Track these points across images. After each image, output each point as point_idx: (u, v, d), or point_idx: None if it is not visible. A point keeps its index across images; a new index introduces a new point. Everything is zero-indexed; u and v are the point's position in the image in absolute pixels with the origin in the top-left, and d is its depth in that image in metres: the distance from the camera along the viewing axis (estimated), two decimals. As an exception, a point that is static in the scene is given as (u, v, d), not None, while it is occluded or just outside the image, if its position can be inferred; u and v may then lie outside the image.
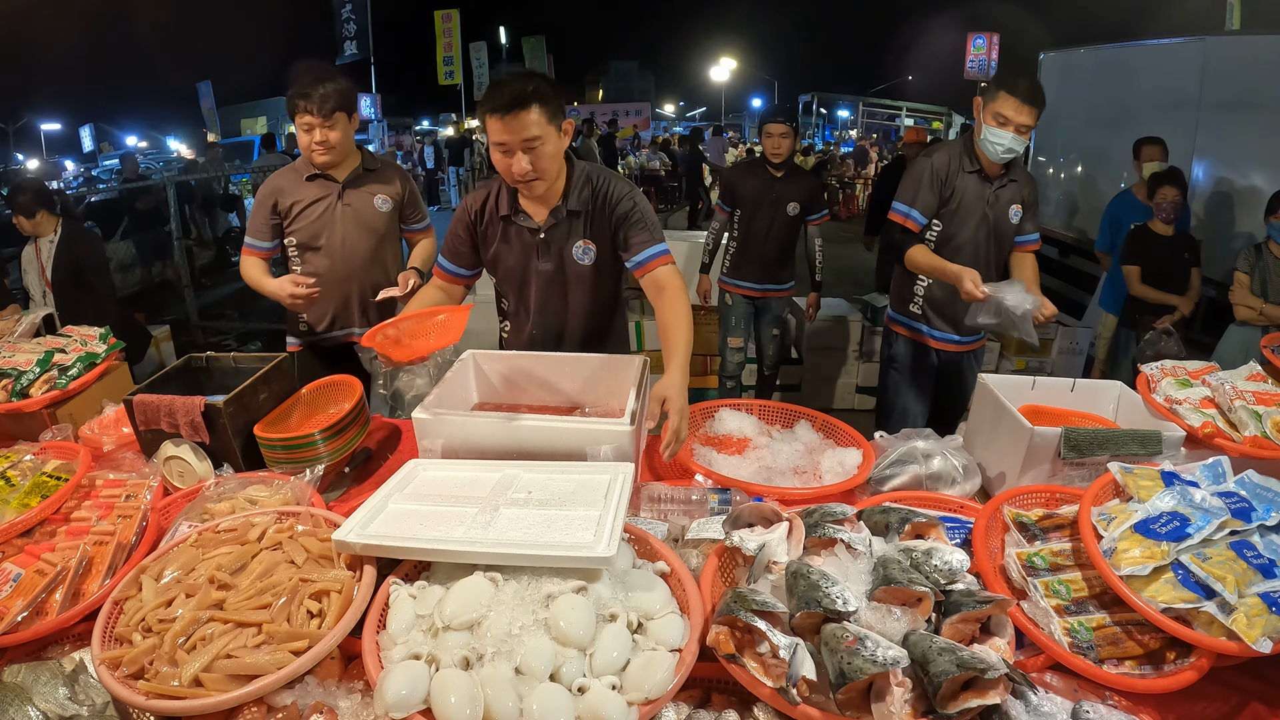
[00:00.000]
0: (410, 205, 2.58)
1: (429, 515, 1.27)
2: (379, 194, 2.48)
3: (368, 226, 2.47)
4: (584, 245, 1.89)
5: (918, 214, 2.44)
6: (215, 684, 1.00)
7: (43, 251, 3.57)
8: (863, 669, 0.92)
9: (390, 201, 2.51)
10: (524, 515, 1.25)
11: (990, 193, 2.43)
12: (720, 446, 1.79)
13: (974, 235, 2.46)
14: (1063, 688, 1.08)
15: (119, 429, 1.84)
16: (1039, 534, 1.32)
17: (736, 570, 1.23)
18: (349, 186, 2.44)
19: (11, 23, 29.40)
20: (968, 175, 2.43)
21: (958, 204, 2.44)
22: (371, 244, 2.49)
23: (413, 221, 2.62)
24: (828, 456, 1.73)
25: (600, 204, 1.86)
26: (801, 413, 1.91)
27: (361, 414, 1.75)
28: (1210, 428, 1.60)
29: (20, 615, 1.18)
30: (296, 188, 2.42)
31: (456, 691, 0.94)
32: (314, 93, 2.27)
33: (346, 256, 2.46)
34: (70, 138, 27.36)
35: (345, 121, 2.36)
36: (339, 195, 2.43)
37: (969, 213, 2.44)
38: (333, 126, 2.32)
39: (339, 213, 2.43)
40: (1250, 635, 1.04)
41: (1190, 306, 3.73)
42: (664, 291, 1.75)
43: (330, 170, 2.42)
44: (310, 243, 2.44)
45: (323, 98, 2.27)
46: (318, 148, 2.33)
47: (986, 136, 2.31)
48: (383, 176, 2.51)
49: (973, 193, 2.43)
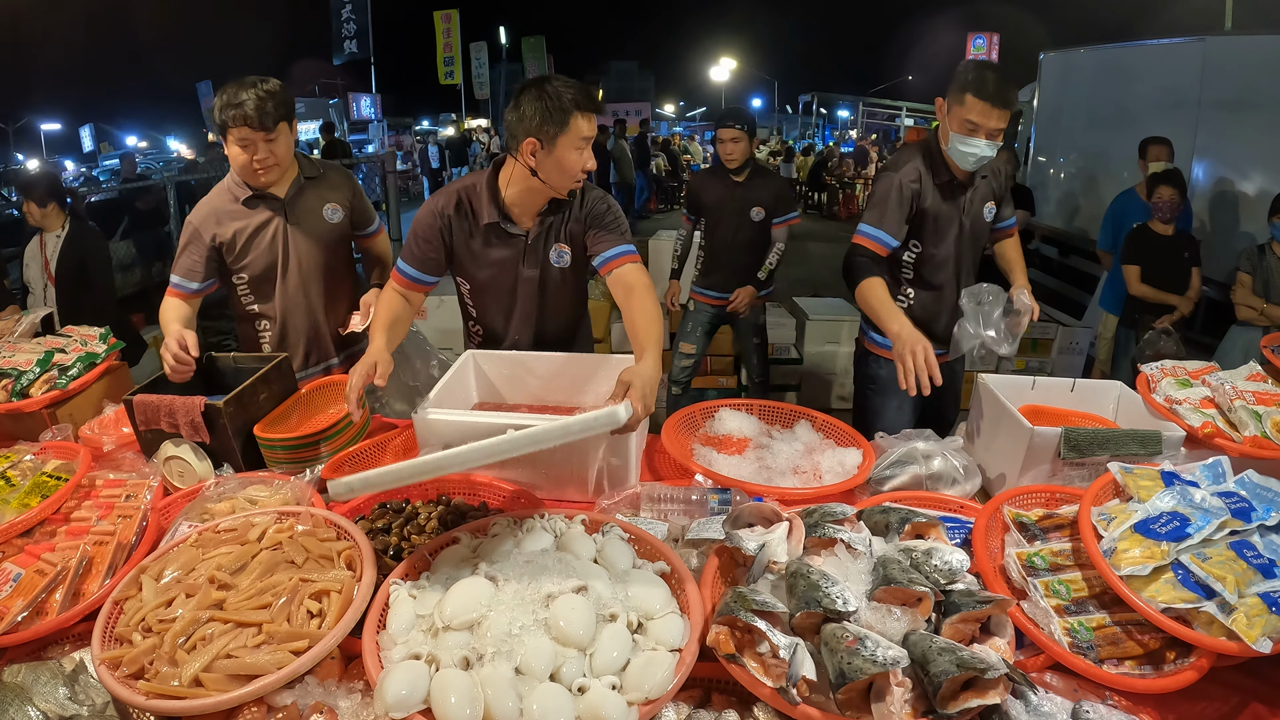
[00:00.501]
0: (362, 207, 2.27)
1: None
2: (328, 203, 2.16)
3: (322, 243, 2.15)
4: (559, 249, 1.90)
5: (887, 236, 2.14)
6: (215, 684, 1.00)
7: (48, 246, 3.62)
8: (863, 669, 0.92)
9: (341, 210, 2.19)
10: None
11: (964, 200, 2.22)
12: (720, 446, 1.79)
13: (954, 249, 2.26)
14: (1063, 688, 1.08)
15: (119, 429, 1.84)
16: (1039, 534, 1.32)
17: (736, 570, 1.23)
18: (293, 203, 2.10)
19: (11, 23, 29.40)
20: (938, 187, 2.17)
21: (934, 220, 2.20)
22: (329, 261, 2.19)
23: (365, 226, 2.30)
24: (828, 456, 1.73)
25: (575, 206, 1.88)
26: (801, 412, 1.91)
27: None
28: (1210, 428, 1.60)
29: (20, 615, 1.18)
30: (235, 215, 2.05)
31: (456, 691, 0.94)
32: (250, 102, 1.88)
33: (305, 283, 2.15)
34: (70, 138, 27.41)
35: (287, 132, 2.00)
36: (284, 215, 2.09)
37: (946, 227, 2.22)
38: (275, 140, 1.96)
39: (289, 235, 2.10)
40: (1250, 635, 1.04)
41: (1190, 306, 3.73)
42: (633, 290, 1.76)
43: (270, 188, 2.07)
44: (265, 276, 2.12)
45: (261, 108, 1.89)
46: (259, 167, 1.97)
47: (956, 146, 2.06)
48: (328, 183, 2.18)
49: (947, 205, 2.20)
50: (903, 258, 2.27)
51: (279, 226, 2.09)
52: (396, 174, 5.81)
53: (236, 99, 1.89)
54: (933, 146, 2.18)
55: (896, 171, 2.17)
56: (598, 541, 1.24)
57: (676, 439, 1.76)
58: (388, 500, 1.50)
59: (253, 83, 1.92)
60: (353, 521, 1.35)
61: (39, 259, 3.64)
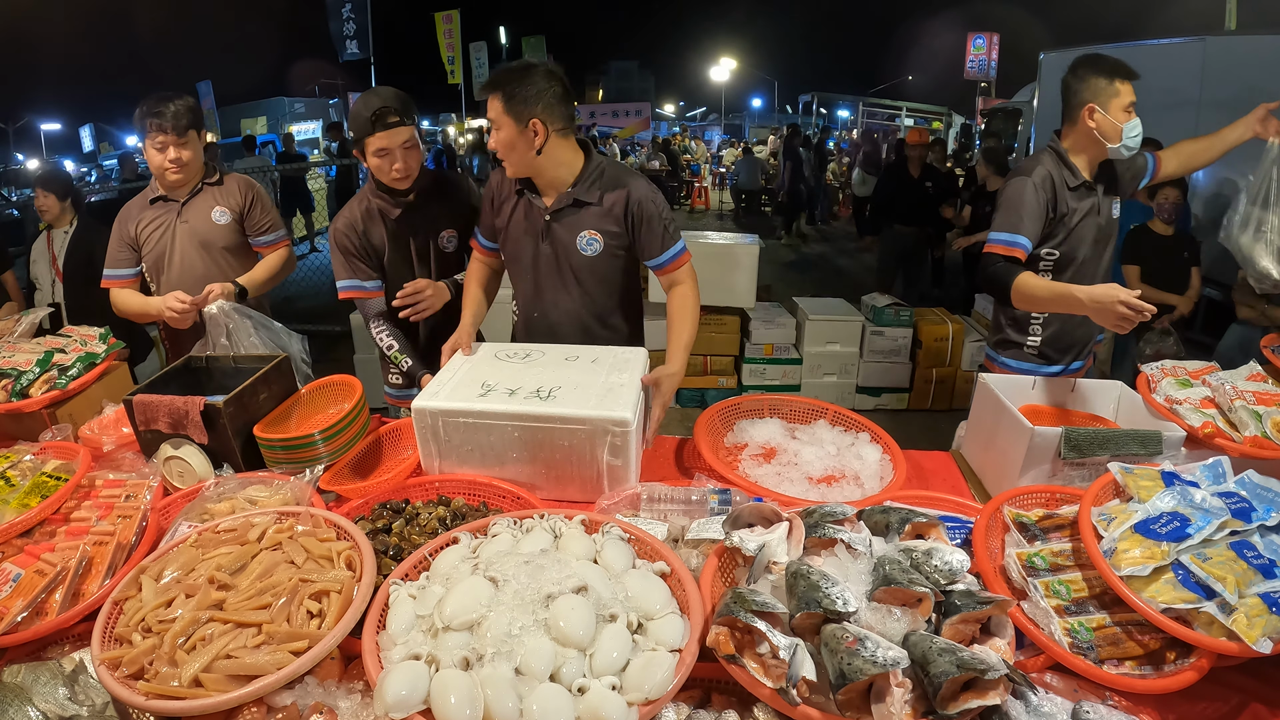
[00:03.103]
0: (254, 216, 2.45)
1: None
2: (216, 206, 2.40)
3: (204, 242, 2.39)
4: (590, 236, 1.92)
5: (1024, 240, 2.06)
6: (215, 684, 1.00)
7: (55, 242, 3.67)
8: (863, 669, 0.92)
9: (229, 213, 2.41)
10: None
11: (1096, 202, 2.17)
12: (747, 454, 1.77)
13: (1092, 252, 2.19)
14: (1063, 688, 1.08)
15: (119, 429, 1.84)
16: (1039, 534, 1.32)
17: (736, 570, 1.23)
18: (187, 203, 2.38)
19: (11, 23, 29.40)
20: (1072, 191, 2.13)
21: (1071, 224, 2.14)
22: (209, 260, 2.40)
23: (259, 233, 2.47)
24: (851, 455, 1.73)
25: (615, 200, 1.89)
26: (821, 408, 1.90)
27: (361, 413, 1.75)
28: (1210, 428, 1.60)
29: (20, 615, 1.18)
30: (143, 212, 2.39)
31: (456, 692, 0.94)
32: (166, 110, 2.23)
33: (183, 276, 2.37)
34: (70, 138, 27.40)
35: (196, 139, 2.33)
36: (178, 214, 2.38)
37: (1083, 230, 2.15)
38: (186, 145, 2.29)
39: (177, 231, 2.38)
40: (1250, 635, 1.04)
41: (1190, 306, 3.73)
42: (675, 287, 1.93)
43: (176, 190, 2.37)
44: (155, 266, 2.41)
45: (175, 115, 2.24)
46: (171, 166, 2.28)
47: (1128, 135, 2.03)
48: (223, 188, 2.43)
49: (1082, 209, 2.14)
50: (1039, 267, 2.17)
51: (170, 224, 2.38)
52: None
53: (156, 107, 2.23)
54: (1061, 153, 2.15)
55: (1028, 175, 2.11)
56: (597, 542, 1.24)
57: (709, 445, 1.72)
58: (388, 500, 1.51)
59: (169, 95, 2.27)
60: (353, 521, 1.35)
61: (46, 255, 3.69)
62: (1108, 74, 2.02)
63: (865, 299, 4.83)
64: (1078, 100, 2.08)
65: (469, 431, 1.58)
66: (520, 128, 1.78)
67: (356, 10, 15.72)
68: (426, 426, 1.60)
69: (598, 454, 1.54)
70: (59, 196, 3.66)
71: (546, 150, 1.81)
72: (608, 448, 1.53)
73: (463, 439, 1.59)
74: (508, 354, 1.84)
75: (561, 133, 1.82)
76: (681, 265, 1.92)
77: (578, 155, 1.89)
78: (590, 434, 1.52)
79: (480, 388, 1.64)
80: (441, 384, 1.68)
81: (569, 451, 1.55)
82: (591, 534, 1.27)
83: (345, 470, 1.71)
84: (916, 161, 5.66)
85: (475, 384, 1.67)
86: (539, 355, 1.83)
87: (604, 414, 1.52)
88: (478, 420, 1.57)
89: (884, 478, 1.65)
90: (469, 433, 1.58)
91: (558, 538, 1.25)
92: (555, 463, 1.58)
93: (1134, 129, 2.04)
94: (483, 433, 1.57)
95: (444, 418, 1.58)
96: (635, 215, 1.89)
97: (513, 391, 1.62)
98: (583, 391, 1.61)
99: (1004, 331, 2.33)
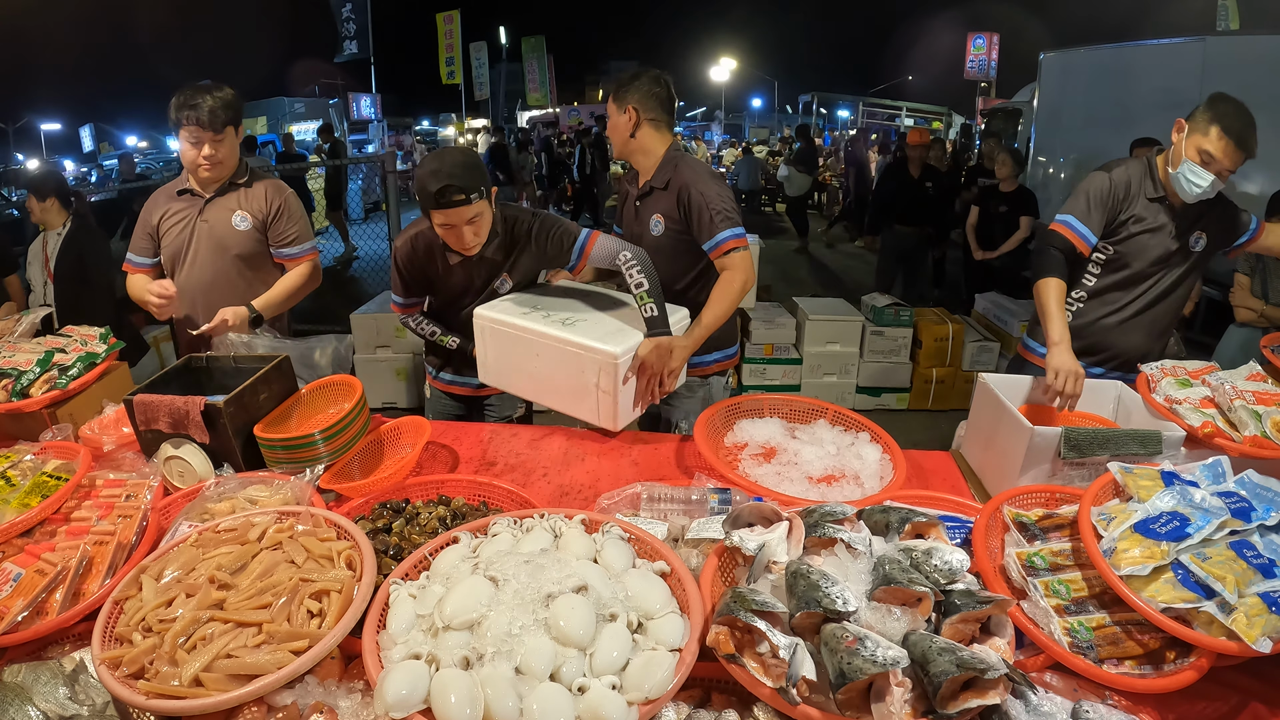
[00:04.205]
0: (280, 225, 2.33)
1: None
2: (239, 211, 2.28)
3: (221, 246, 2.28)
4: (655, 219, 2.17)
5: (1087, 231, 2.09)
6: (215, 684, 1.00)
7: (49, 244, 3.66)
8: (863, 669, 0.92)
9: (250, 219, 2.29)
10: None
11: (1174, 223, 2.10)
12: (748, 454, 1.78)
13: (1151, 269, 2.14)
14: (1063, 688, 1.08)
15: (119, 429, 1.84)
16: (1039, 534, 1.32)
17: (736, 570, 1.23)
18: (211, 202, 2.27)
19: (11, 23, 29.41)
20: (1150, 202, 2.10)
21: (1137, 232, 2.11)
22: (224, 265, 2.29)
23: (283, 244, 2.35)
24: (852, 455, 1.73)
25: (675, 186, 2.12)
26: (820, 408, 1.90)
27: (361, 413, 1.75)
28: (1210, 427, 1.60)
29: (20, 615, 1.18)
30: (168, 203, 2.30)
31: (456, 691, 0.94)
32: (203, 104, 2.10)
33: (197, 278, 2.29)
34: (70, 138, 27.38)
35: (233, 136, 2.22)
36: (200, 211, 2.27)
37: (1148, 244, 2.11)
38: (222, 141, 2.18)
39: (197, 230, 2.28)
40: (1250, 635, 1.04)
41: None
42: (723, 272, 2.06)
43: (205, 186, 2.27)
44: (171, 261, 2.32)
45: (213, 110, 2.11)
46: (205, 163, 2.17)
47: (1184, 173, 2.00)
48: (250, 192, 2.31)
49: (1155, 221, 2.10)
50: (1091, 257, 2.18)
51: (191, 220, 2.29)
52: (397, 174, 5.87)
53: (192, 99, 2.11)
54: (1154, 163, 2.13)
55: (1109, 171, 2.11)
56: (597, 541, 1.24)
57: (710, 446, 1.72)
58: (388, 500, 1.51)
59: (207, 87, 2.14)
60: (353, 521, 1.35)
61: (40, 257, 3.68)
62: (1213, 116, 1.96)
63: (865, 299, 4.83)
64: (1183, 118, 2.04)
65: (505, 341, 1.97)
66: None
67: (356, 10, 15.75)
68: (482, 330, 2.02)
69: (589, 380, 1.84)
70: (52, 199, 3.61)
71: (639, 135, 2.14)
72: (599, 378, 1.82)
73: (500, 347, 2.00)
74: (581, 289, 2.19)
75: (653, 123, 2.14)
76: (729, 252, 2.02)
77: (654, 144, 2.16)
78: (585, 360, 1.83)
79: (528, 308, 2.00)
80: (506, 299, 2.06)
81: (572, 373, 1.86)
82: (591, 533, 1.27)
83: (345, 470, 1.71)
84: (917, 161, 5.66)
85: (528, 305, 2.02)
86: (599, 293, 2.13)
87: (597, 345, 1.81)
88: (509, 331, 1.95)
89: (884, 477, 1.65)
90: (505, 342, 1.98)
91: (558, 537, 1.25)
92: (562, 380, 1.89)
93: (1194, 173, 1.98)
94: (510, 343, 1.96)
95: (490, 325, 1.99)
96: (686, 203, 2.08)
97: (548, 315, 1.95)
98: (598, 326, 1.90)
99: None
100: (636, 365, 1.85)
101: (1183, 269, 2.18)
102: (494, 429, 2.05)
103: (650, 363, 1.85)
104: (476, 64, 18.19)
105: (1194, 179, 1.98)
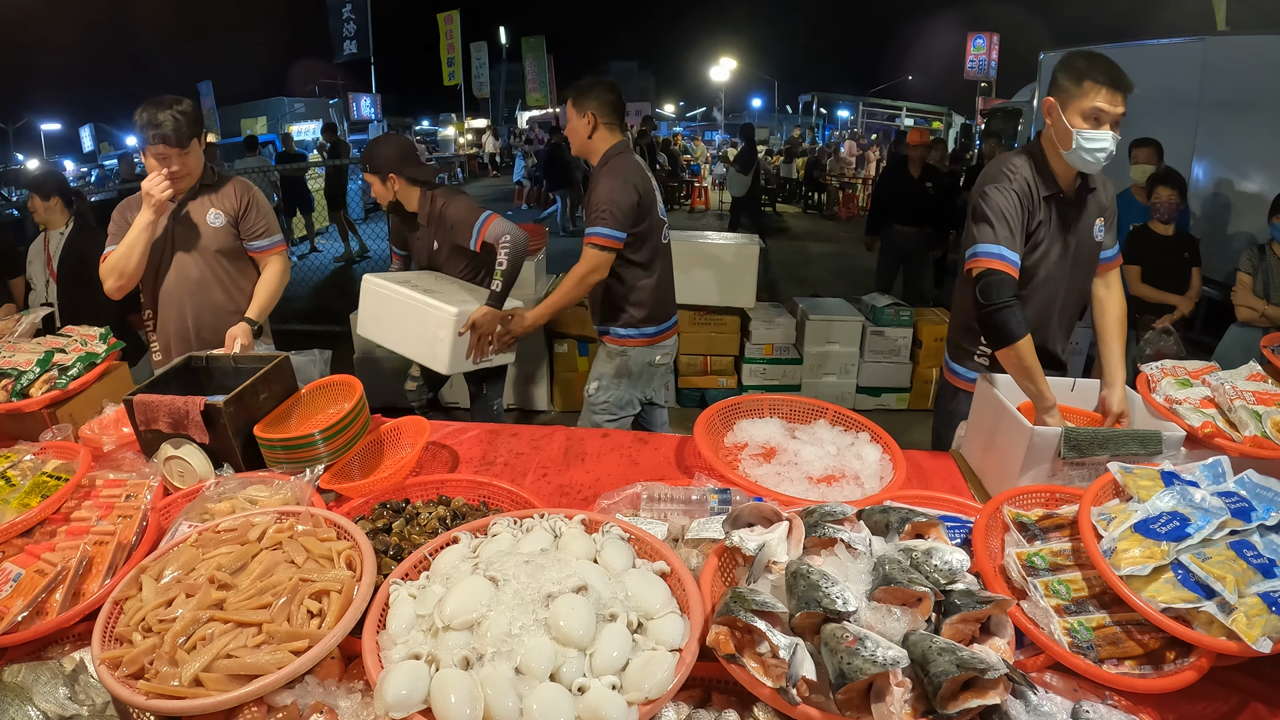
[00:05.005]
0: (249, 219, 2.43)
1: None
2: (212, 209, 2.37)
3: (197, 245, 2.37)
4: None
5: (1016, 257, 1.85)
6: (215, 684, 1.00)
7: (51, 243, 3.67)
8: (863, 669, 0.92)
9: (224, 216, 2.38)
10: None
11: (1071, 214, 1.96)
12: (748, 453, 1.77)
13: (1055, 271, 1.99)
14: (1063, 688, 1.08)
15: (119, 429, 1.84)
16: (1039, 534, 1.32)
17: (736, 570, 1.23)
18: (183, 205, 2.35)
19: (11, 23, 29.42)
20: (1044, 201, 1.93)
21: (1042, 237, 1.95)
22: (204, 264, 2.39)
23: (254, 237, 2.44)
24: (852, 455, 1.73)
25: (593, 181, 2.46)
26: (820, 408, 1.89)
27: (361, 413, 1.75)
28: (1210, 427, 1.60)
29: (20, 615, 1.18)
30: (140, 206, 2.32)
31: (456, 691, 0.94)
32: (166, 122, 2.16)
33: (177, 279, 2.38)
34: (70, 138, 27.38)
35: (197, 146, 2.30)
36: (173, 218, 2.34)
37: (1051, 244, 1.96)
38: (188, 154, 2.25)
39: (171, 233, 2.34)
40: (1250, 635, 1.04)
41: (1190, 306, 3.73)
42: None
43: (174, 196, 2.31)
44: (153, 270, 2.37)
45: (177, 127, 2.18)
46: (173, 178, 2.22)
47: (1081, 145, 1.79)
48: (220, 191, 2.40)
49: (1054, 222, 1.95)
50: None
51: (167, 227, 2.34)
52: (396, 174, 5.94)
53: (154, 118, 2.17)
54: (1038, 156, 1.93)
55: (1003, 184, 1.89)
56: (597, 541, 1.24)
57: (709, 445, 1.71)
58: (388, 500, 1.51)
59: (165, 102, 2.20)
60: (353, 521, 1.35)
61: (42, 256, 3.69)
62: (1075, 74, 1.78)
63: (865, 299, 4.83)
64: (1047, 95, 1.87)
65: (379, 300, 2.55)
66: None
67: (356, 10, 15.76)
68: (365, 291, 2.60)
69: (432, 331, 2.40)
70: (55, 198, 3.64)
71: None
72: (438, 329, 2.38)
73: (375, 305, 2.58)
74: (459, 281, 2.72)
75: (607, 126, 2.46)
76: (586, 245, 2.38)
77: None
78: (429, 315, 2.39)
79: (404, 281, 2.54)
80: (395, 273, 2.73)
81: (420, 325, 2.44)
82: (591, 533, 1.27)
83: (345, 470, 1.71)
84: (917, 162, 5.66)
85: (407, 279, 2.57)
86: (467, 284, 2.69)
87: (440, 304, 2.37)
88: (383, 292, 2.54)
89: (884, 477, 1.65)
90: (379, 301, 2.56)
91: (558, 537, 1.25)
92: (412, 330, 2.47)
93: (1093, 139, 1.78)
94: (382, 301, 2.55)
95: (371, 287, 2.58)
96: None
97: (416, 286, 2.50)
98: (449, 298, 2.43)
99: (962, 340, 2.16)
100: (469, 325, 2.36)
101: (1090, 262, 2.05)
102: (494, 429, 2.05)
103: (481, 324, 2.37)
104: (477, 64, 18.21)
105: (1094, 144, 1.78)
